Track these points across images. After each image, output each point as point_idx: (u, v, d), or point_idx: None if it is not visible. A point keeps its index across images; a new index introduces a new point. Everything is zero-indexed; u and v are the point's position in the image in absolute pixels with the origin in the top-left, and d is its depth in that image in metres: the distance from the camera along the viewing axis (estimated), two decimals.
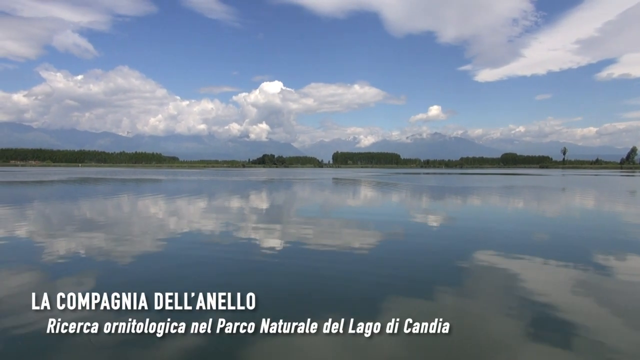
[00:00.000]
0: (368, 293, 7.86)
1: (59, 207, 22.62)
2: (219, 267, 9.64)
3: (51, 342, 5.58)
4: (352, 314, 6.58)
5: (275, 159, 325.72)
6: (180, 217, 18.61)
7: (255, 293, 7.62)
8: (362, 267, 9.73)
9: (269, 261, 10.26)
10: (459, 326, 6.28)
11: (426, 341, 5.80)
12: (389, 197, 32.47)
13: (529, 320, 6.70)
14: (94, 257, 10.38)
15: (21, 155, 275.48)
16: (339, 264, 10.02)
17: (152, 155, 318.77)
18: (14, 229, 14.98)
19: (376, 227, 15.73)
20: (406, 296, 7.71)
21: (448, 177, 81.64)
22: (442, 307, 7.24)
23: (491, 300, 7.74)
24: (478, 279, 9.03)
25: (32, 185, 45.35)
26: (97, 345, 5.51)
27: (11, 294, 7.47)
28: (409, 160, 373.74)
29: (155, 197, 30.07)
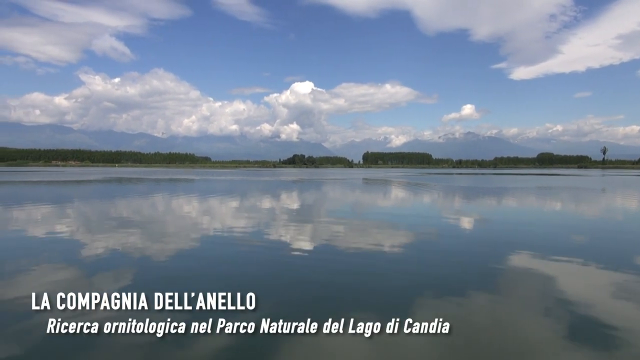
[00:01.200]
0: (397, 294, 7.63)
1: (94, 207, 23.21)
2: (247, 266, 9.53)
3: (95, 338, 5.60)
4: (381, 314, 6.44)
5: (305, 159, 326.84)
6: (211, 216, 18.73)
7: (281, 293, 7.58)
8: (392, 267, 9.49)
9: (297, 261, 10.11)
10: (493, 330, 6.06)
11: (455, 344, 5.59)
12: (419, 197, 31.87)
13: (566, 324, 6.37)
14: (126, 255, 10.48)
15: (62, 155, 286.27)
16: (367, 264, 9.80)
17: (185, 156, 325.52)
18: (53, 227, 15.37)
19: (406, 228, 15.33)
20: (436, 298, 7.45)
21: (481, 178, 79.79)
22: (474, 310, 6.94)
23: (525, 303, 7.37)
24: (512, 282, 8.64)
25: (71, 185, 46.87)
26: (133, 343, 5.46)
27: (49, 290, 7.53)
28: (441, 160, 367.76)
29: (188, 196, 30.49)
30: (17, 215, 18.46)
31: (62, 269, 9.17)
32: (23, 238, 13.03)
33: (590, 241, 13.37)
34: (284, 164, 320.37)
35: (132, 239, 12.69)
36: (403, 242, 12.51)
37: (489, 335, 5.99)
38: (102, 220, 17.22)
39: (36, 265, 9.40)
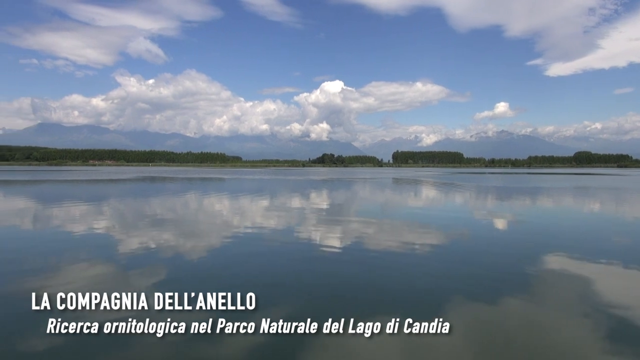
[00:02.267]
0: (426, 294, 7.39)
1: (128, 205, 23.69)
2: (274, 264, 9.41)
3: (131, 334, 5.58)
4: (408, 314, 6.19)
5: (334, 158, 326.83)
6: (240, 215, 18.82)
7: (311, 292, 7.44)
8: (420, 267, 9.22)
9: (324, 260, 9.93)
10: (526, 333, 5.79)
11: (483, 347, 5.33)
12: (449, 197, 31.16)
13: (602, 329, 6.01)
14: (157, 253, 10.57)
15: (98, 155, 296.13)
16: (395, 263, 9.56)
17: (216, 155, 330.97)
18: (88, 225, 15.68)
19: (435, 229, 14.93)
20: (465, 299, 7.14)
21: (514, 177, 77.68)
22: (505, 313, 6.62)
23: (560, 306, 6.99)
24: (546, 284, 8.21)
25: (105, 183, 48.18)
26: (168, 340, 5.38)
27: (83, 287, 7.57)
28: (473, 160, 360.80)
29: (219, 195, 30.82)
30: (56, 213, 18.97)
31: (95, 265, 9.24)
32: (61, 235, 13.32)
33: (631, 244, 12.61)
34: (313, 163, 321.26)
35: (163, 236, 12.77)
36: (432, 243, 12.12)
37: (521, 339, 5.65)
38: (134, 218, 17.48)
39: (71, 261, 9.49)
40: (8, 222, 16.30)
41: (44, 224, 15.79)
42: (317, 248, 11.41)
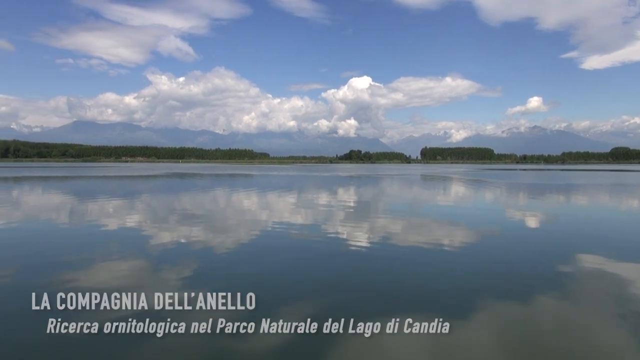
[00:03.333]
0: (455, 293, 7.24)
1: (158, 201, 24.22)
2: (302, 261, 9.42)
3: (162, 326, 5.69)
4: (436, 313, 6.13)
5: (361, 155, 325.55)
6: (267, 211, 18.99)
7: (335, 289, 7.41)
8: (449, 265, 9.04)
9: (352, 258, 9.88)
10: (555, 335, 5.61)
11: (513, 348, 5.17)
12: (478, 195, 30.60)
13: (636, 331, 5.78)
14: (187, 249, 10.75)
15: (130, 152, 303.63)
16: (424, 262, 9.41)
17: (244, 152, 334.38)
18: (119, 220, 16.13)
19: (465, 227, 14.67)
20: (495, 298, 6.96)
21: (547, 174, 75.61)
22: (536, 313, 6.44)
23: (593, 308, 6.76)
24: (580, 285, 7.97)
25: (136, 179, 49.36)
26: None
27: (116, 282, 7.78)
28: (504, 156, 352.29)
29: (247, 192, 31.14)
30: (90, 209, 19.58)
31: (126, 260, 9.45)
32: (93, 229, 13.75)
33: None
34: (340, 160, 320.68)
35: (189, 232, 12.96)
36: (461, 241, 11.90)
37: (553, 341, 5.47)
38: (164, 214, 17.85)
39: (104, 257, 9.75)
40: (44, 216, 16.86)
41: (78, 218, 16.28)
42: (342, 245, 11.37)
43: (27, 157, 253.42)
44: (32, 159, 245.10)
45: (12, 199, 24.07)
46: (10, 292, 7.10)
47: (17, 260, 9.24)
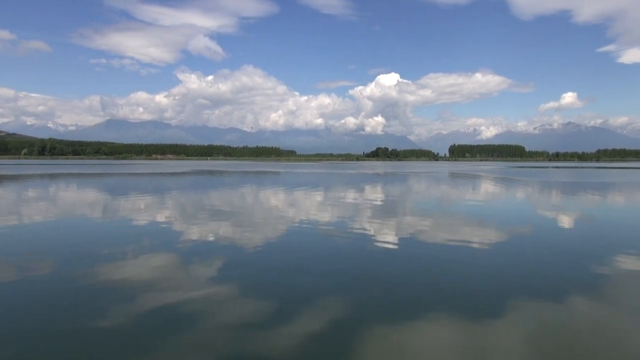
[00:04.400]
0: (486, 293, 7.11)
1: (187, 197, 24.71)
2: (328, 258, 9.46)
3: (189, 319, 5.81)
4: (466, 313, 6.11)
5: (388, 152, 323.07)
6: (294, 208, 19.13)
7: (363, 287, 7.40)
8: (479, 265, 8.91)
9: (380, 256, 9.85)
10: (589, 336, 5.47)
11: (550, 349, 5.05)
12: (508, 193, 29.96)
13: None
14: (216, 244, 10.94)
15: (161, 150, 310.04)
16: (453, 260, 9.29)
17: (271, 149, 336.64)
18: (149, 215, 16.57)
19: (495, 226, 14.39)
20: (527, 299, 6.81)
21: (581, 172, 73.39)
22: (569, 314, 6.28)
23: (631, 309, 6.55)
24: (616, 285, 7.72)
25: (166, 177, 50.39)
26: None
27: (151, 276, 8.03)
28: (535, 153, 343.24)
29: (274, 189, 31.39)
30: (123, 205, 20.16)
31: (158, 254, 9.69)
32: (125, 224, 14.15)
33: None
34: (367, 157, 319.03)
35: (220, 229, 13.17)
36: (491, 240, 11.69)
37: (586, 343, 5.34)
38: (193, 210, 18.19)
39: (135, 250, 10.04)
40: (81, 212, 17.42)
41: (111, 214, 16.76)
42: (369, 243, 11.33)
43: (63, 155, 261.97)
44: (68, 157, 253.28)
45: (50, 195, 24.97)
46: (50, 283, 7.38)
47: (57, 253, 9.59)
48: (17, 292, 6.93)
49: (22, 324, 5.68)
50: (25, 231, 12.70)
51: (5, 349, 4.99)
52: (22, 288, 7.16)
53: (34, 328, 5.57)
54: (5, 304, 6.41)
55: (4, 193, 26.16)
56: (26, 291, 6.98)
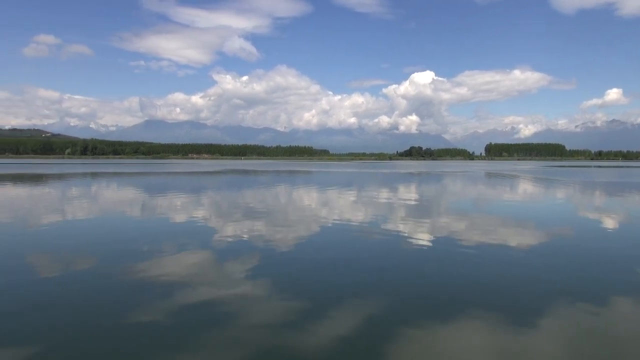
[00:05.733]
0: (524, 295, 6.94)
1: (222, 196, 25.22)
2: (362, 259, 9.42)
3: (221, 315, 5.97)
4: (503, 315, 5.98)
5: (422, 151, 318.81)
6: (326, 208, 19.18)
7: (397, 288, 7.35)
8: (518, 267, 8.70)
9: (414, 256, 9.76)
10: (633, 342, 5.26)
11: (590, 355, 4.98)
12: (548, 194, 29.05)
13: None
14: (250, 243, 11.16)
15: (196, 149, 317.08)
16: (490, 262, 9.10)
17: (304, 149, 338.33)
18: (186, 213, 17.02)
19: (534, 227, 14.02)
20: (568, 302, 6.62)
21: (625, 171, 70.31)
22: (611, 318, 6.06)
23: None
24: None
25: (201, 175, 51.48)
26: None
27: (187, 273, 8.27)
28: (576, 152, 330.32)
29: (307, 188, 31.55)
30: (160, 203, 20.82)
31: (195, 252, 9.92)
32: (163, 222, 14.62)
33: None
34: (400, 157, 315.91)
35: (253, 227, 13.32)
36: (529, 241, 11.36)
37: (630, 349, 5.13)
38: (228, 208, 18.59)
39: (171, 247, 10.31)
40: (121, 210, 18.03)
41: (148, 212, 17.28)
42: (402, 243, 11.22)
43: (104, 155, 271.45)
44: (108, 156, 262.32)
45: (92, 194, 25.95)
46: (90, 279, 7.66)
47: (97, 250, 9.95)
48: (59, 287, 7.23)
49: (63, 318, 5.92)
50: (68, 228, 13.26)
51: (47, 342, 5.18)
52: (63, 283, 7.46)
53: (75, 322, 5.79)
54: (48, 298, 6.70)
55: (50, 192, 27.36)
56: (67, 286, 7.27)
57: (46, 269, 8.49)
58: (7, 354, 4.83)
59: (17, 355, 4.81)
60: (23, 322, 5.76)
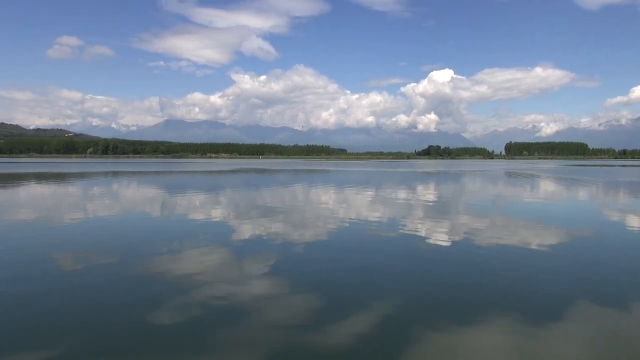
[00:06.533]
0: (546, 298, 6.79)
1: (240, 195, 25.40)
2: (379, 260, 9.37)
3: (241, 313, 6.05)
4: (523, 319, 5.87)
5: (441, 151, 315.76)
6: (342, 208, 19.09)
7: (414, 290, 7.27)
8: (538, 268, 8.56)
9: (433, 258, 9.66)
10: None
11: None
12: (570, 195, 28.48)
13: None
14: (268, 241, 11.22)
15: (215, 149, 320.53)
16: (511, 264, 8.94)
17: (321, 148, 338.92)
18: (205, 212, 17.19)
19: (555, 228, 13.74)
20: (591, 305, 6.48)
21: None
22: (635, 322, 5.90)
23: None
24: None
25: (219, 175, 51.92)
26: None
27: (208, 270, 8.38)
28: (600, 151, 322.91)
29: (325, 187, 31.57)
30: (179, 202, 21.10)
31: (214, 250, 10.01)
32: (182, 221, 14.85)
33: None
34: (419, 156, 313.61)
35: (272, 227, 13.36)
36: (550, 243, 11.12)
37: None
38: (245, 208, 18.69)
39: (190, 246, 10.45)
40: (141, 209, 18.29)
41: (167, 210, 17.52)
42: (421, 244, 11.12)
43: (124, 154, 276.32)
44: (129, 156, 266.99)
45: (113, 193, 26.40)
46: (111, 276, 7.78)
47: (117, 248, 10.12)
48: (80, 284, 7.37)
49: (85, 315, 6.03)
50: (89, 226, 13.51)
51: (69, 339, 5.29)
52: (85, 280, 7.61)
53: (97, 318, 5.90)
54: (69, 295, 6.85)
55: (73, 190, 27.93)
56: (88, 283, 7.41)
57: (69, 265, 8.69)
58: (35, 350, 4.97)
59: (39, 352, 4.93)
60: (46, 318, 5.89)
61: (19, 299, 6.59)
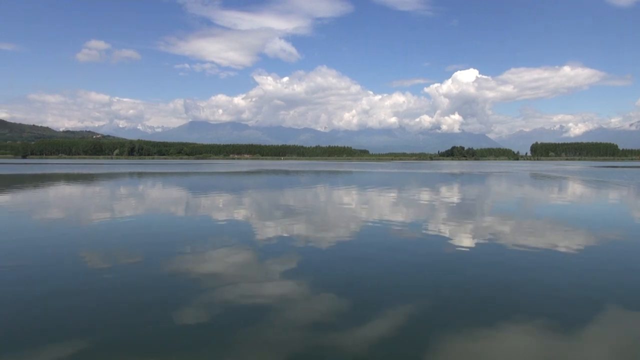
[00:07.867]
0: (573, 303, 6.63)
1: (262, 196, 25.61)
2: (402, 261, 9.29)
3: (261, 313, 6.09)
4: (549, 323, 5.74)
5: (464, 151, 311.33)
6: (364, 209, 18.99)
7: (436, 292, 7.20)
8: (565, 272, 8.35)
9: (455, 259, 9.55)
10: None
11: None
12: (598, 198, 27.73)
13: None
14: (289, 242, 11.28)
15: (237, 150, 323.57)
16: (536, 267, 8.76)
17: (343, 149, 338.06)
18: (228, 213, 17.39)
19: (582, 230, 13.41)
20: (619, 311, 6.30)
21: None
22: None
23: None
24: None
25: (241, 175, 52.40)
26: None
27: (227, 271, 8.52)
28: (630, 152, 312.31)
29: (347, 188, 31.56)
30: (203, 202, 21.42)
31: (236, 251, 10.10)
32: (204, 220, 15.02)
33: None
34: (442, 157, 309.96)
35: (293, 228, 13.40)
36: (577, 246, 10.79)
37: None
38: (267, 208, 18.80)
39: (213, 246, 10.54)
40: (165, 209, 18.60)
41: (190, 211, 17.77)
42: (443, 246, 10.96)
43: (149, 155, 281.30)
44: (153, 157, 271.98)
45: (138, 193, 26.96)
46: (134, 276, 7.90)
47: (141, 248, 10.31)
48: (105, 282, 7.51)
49: (109, 313, 6.14)
50: (114, 225, 13.80)
51: (95, 336, 5.39)
52: (110, 278, 7.75)
53: (121, 316, 6.00)
54: (95, 293, 6.98)
55: (99, 190, 28.61)
56: (113, 282, 7.55)
57: (95, 264, 8.87)
58: (61, 347, 5.05)
59: (65, 349, 5.01)
60: (71, 315, 6.03)
61: (45, 296, 6.75)
